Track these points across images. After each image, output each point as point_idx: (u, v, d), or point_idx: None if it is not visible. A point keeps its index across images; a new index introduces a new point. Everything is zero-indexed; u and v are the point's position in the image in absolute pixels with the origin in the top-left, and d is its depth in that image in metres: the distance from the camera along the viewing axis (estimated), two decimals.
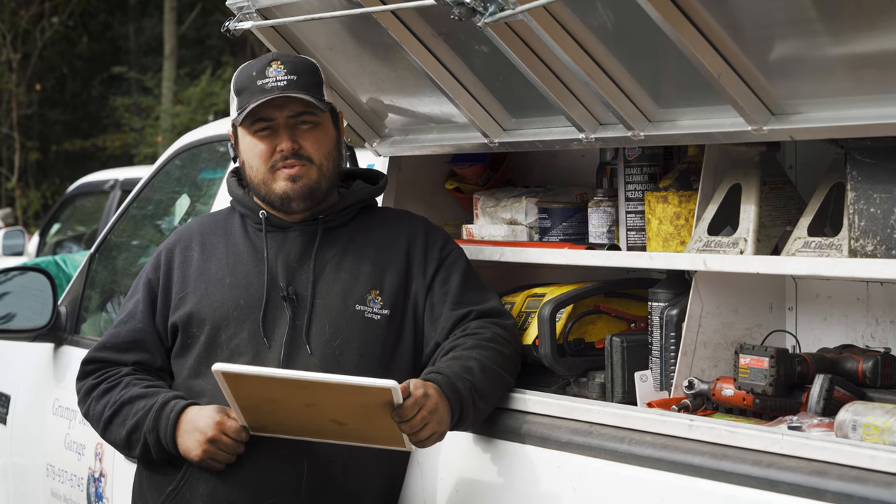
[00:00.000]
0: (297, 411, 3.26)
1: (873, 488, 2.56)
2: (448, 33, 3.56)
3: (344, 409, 3.23)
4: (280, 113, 3.53)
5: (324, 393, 3.19)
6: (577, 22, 3.17)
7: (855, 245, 2.99)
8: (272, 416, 3.31)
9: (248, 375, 3.23)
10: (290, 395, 3.22)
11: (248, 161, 3.58)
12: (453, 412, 3.30)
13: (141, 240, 5.90)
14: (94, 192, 12.69)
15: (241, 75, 3.59)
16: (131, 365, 3.58)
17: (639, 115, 3.27)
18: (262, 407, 3.28)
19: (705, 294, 3.34)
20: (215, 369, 3.21)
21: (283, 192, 3.53)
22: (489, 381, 3.39)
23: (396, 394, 3.16)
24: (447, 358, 3.42)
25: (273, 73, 3.52)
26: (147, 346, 3.60)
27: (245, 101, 3.53)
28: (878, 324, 3.28)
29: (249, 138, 3.56)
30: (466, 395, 3.32)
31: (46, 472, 5.38)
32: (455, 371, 3.35)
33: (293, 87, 3.51)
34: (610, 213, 3.72)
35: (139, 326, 3.61)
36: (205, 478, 3.44)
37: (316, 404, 3.22)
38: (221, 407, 3.40)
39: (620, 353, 3.49)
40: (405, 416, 3.20)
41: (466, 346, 3.44)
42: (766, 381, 3.07)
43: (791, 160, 3.51)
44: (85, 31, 29.87)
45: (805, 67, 2.90)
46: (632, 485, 3.01)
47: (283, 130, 3.53)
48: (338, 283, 3.54)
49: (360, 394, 3.18)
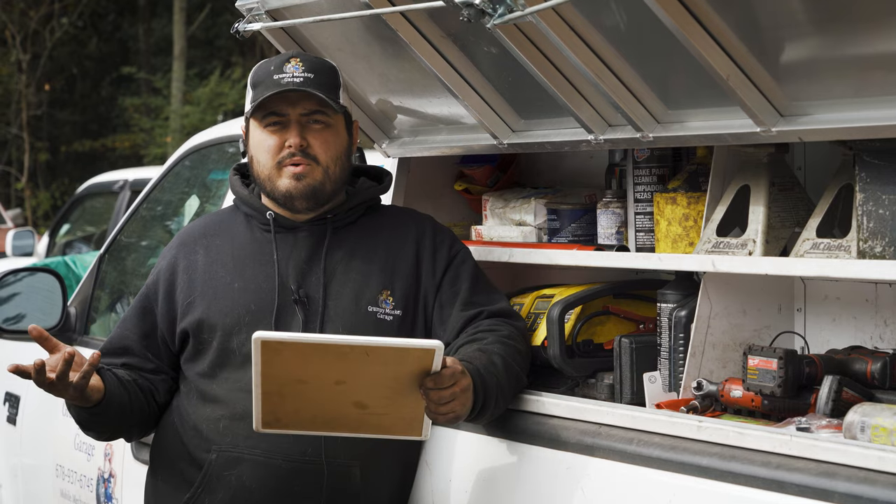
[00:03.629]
0: (323, 391, 3.17)
1: (881, 489, 2.56)
2: (457, 34, 3.57)
3: (374, 382, 3.14)
4: (293, 109, 3.52)
5: (361, 362, 3.10)
6: (586, 23, 3.18)
7: (863, 246, 2.99)
8: (292, 403, 3.20)
9: (290, 343, 3.13)
10: (323, 369, 3.13)
11: (256, 155, 3.57)
12: (476, 402, 3.27)
13: (150, 241, 5.90)
14: (103, 192, 12.71)
15: (260, 70, 3.59)
16: (120, 367, 3.58)
17: (647, 117, 3.28)
18: (286, 390, 3.18)
19: (714, 295, 3.34)
20: (255, 337, 3.09)
21: (287, 190, 3.52)
22: (510, 378, 3.38)
23: (438, 357, 3.09)
24: (472, 349, 3.38)
25: (291, 70, 3.52)
26: (133, 352, 3.60)
27: (259, 94, 3.52)
28: (887, 325, 3.28)
29: (260, 132, 3.55)
30: (492, 388, 3.30)
31: (56, 473, 5.39)
32: (483, 363, 3.32)
33: (309, 84, 3.50)
34: (619, 214, 3.72)
35: (127, 333, 3.62)
36: (223, 485, 3.44)
37: (347, 381, 3.14)
38: None
39: (629, 354, 3.49)
40: (441, 383, 3.12)
41: (488, 342, 3.41)
42: (775, 382, 3.07)
43: (800, 161, 3.51)
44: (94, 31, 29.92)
45: (814, 69, 2.90)
46: (640, 486, 3.02)
47: (294, 126, 3.52)
48: (348, 285, 3.53)
49: (400, 359, 3.10)
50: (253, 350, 3.09)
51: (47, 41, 27.49)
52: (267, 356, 3.11)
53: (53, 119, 29.03)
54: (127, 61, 28.80)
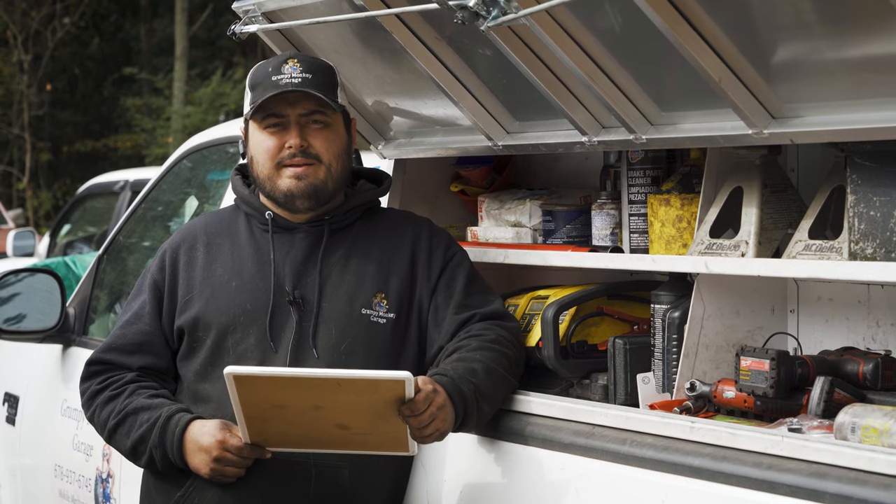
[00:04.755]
0: (303, 415, 3.23)
1: (872, 490, 2.57)
2: (452, 37, 3.58)
3: (352, 409, 3.20)
4: (292, 110, 3.53)
5: (335, 392, 3.17)
6: (580, 26, 3.19)
7: (855, 248, 3.00)
8: (276, 426, 3.29)
9: (260, 377, 3.22)
10: (299, 398, 3.20)
11: (256, 156, 3.58)
12: (457, 414, 3.31)
13: (149, 241, 5.91)
14: (104, 192, 12.72)
15: (257, 71, 3.60)
16: (136, 369, 3.57)
17: (641, 119, 3.29)
18: (268, 415, 3.26)
19: (707, 296, 3.35)
20: (227, 372, 3.19)
21: (287, 190, 3.53)
22: (493, 383, 3.39)
23: (410, 386, 3.15)
24: (451, 360, 3.42)
25: (289, 70, 3.53)
26: (154, 348, 3.59)
27: (258, 96, 3.53)
28: (879, 326, 3.29)
29: (259, 133, 3.56)
30: (470, 397, 3.32)
31: (54, 473, 5.39)
32: (459, 373, 3.35)
33: (307, 84, 3.52)
34: (613, 215, 3.73)
35: (146, 328, 3.60)
36: (213, 485, 3.44)
37: (324, 406, 3.20)
38: (224, 422, 3.39)
39: (623, 355, 3.50)
40: (416, 409, 3.18)
41: (471, 348, 3.44)
42: (767, 383, 3.08)
43: (792, 163, 3.51)
44: (96, 31, 29.92)
45: (806, 71, 2.91)
46: (633, 486, 3.02)
47: (294, 127, 3.53)
48: (343, 287, 3.54)
49: (372, 389, 3.16)
50: (227, 384, 3.20)
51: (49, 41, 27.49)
52: (242, 388, 3.21)
53: (55, 119, 29.04)
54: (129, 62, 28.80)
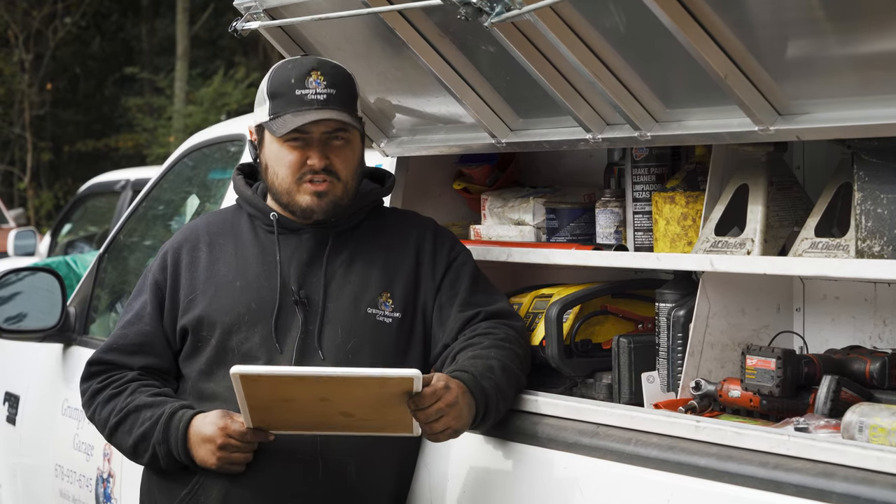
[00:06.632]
0: (310, 405, 3.24)
1: (879, 490, 2.56)
2: (455, 33, 3.56)
3: (359, 401, 3.21)
4: (316, 128, 3.49)
5: (341, 387, 3.17)
6: (584, 22, 3.17)
7: (862, 246, 2.98)
8: (281, 415, 3.30)
9: (267, 376, 3.22)
10: (305, 392, 3.21)
11: (274, 167, 3.54)
12: (478, 411, 3.30)
13: (150, 240, 5.90)
14: (105, 192, 12.72)
15: (279, 78, 3.54)
16: (137, 369, 3.56)
17: (646, 116, 3.27)
18: (273, 406, 3.27)
19: (712, 295, 3.33)
20: (233, 372, 3.18)
21: (308, 206, 3.51)
22: (508, 380, 3.39)
23: (418, 383, 3.15)
24: (468, 357, 3.40)
25: (313, 85, 3.49)
26: (155, 348, 3.58)
27: (280, 108, 3.49)
28: (886, 325, 3.27)
29: (278, 146, 3.52)
30: (492, 393, 3.32)
31: (55, 473, 5.39)
32: (479, 370, 3.34)
33: (332, 101, 3.48)
34: (617, 213, 3.71)
35: (147, 329, 3.59)
36: (219, 482, 3.43)
37: (331, 398, 3.21)
38: (224, 411, 3.39)
39: (627, 353, 3.48)
40: (422, 404, 3.18)
41: (484, 346, 3.43)
42: (773, 382, 3.07)
43: (798, 160, 3.50)
44: (97, 31, 29.93)
45: (812, 68, 2.90)
46: (638, 486, 3.01)
47: (317, 145, 3.50)
48: (348, 287, 3.53)
49: (380, 385, 3.17)
50: (233, 383, 3.20)
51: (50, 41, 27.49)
52: (248, 386, 3.22)
53: (56, 119, 29.04)
54: (130, 61, 28.80)
